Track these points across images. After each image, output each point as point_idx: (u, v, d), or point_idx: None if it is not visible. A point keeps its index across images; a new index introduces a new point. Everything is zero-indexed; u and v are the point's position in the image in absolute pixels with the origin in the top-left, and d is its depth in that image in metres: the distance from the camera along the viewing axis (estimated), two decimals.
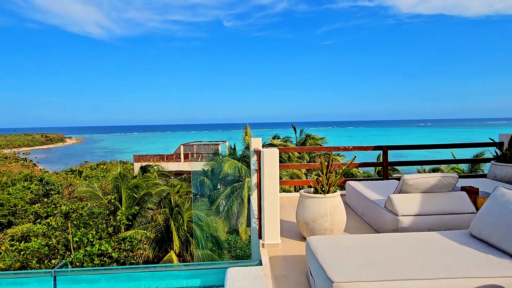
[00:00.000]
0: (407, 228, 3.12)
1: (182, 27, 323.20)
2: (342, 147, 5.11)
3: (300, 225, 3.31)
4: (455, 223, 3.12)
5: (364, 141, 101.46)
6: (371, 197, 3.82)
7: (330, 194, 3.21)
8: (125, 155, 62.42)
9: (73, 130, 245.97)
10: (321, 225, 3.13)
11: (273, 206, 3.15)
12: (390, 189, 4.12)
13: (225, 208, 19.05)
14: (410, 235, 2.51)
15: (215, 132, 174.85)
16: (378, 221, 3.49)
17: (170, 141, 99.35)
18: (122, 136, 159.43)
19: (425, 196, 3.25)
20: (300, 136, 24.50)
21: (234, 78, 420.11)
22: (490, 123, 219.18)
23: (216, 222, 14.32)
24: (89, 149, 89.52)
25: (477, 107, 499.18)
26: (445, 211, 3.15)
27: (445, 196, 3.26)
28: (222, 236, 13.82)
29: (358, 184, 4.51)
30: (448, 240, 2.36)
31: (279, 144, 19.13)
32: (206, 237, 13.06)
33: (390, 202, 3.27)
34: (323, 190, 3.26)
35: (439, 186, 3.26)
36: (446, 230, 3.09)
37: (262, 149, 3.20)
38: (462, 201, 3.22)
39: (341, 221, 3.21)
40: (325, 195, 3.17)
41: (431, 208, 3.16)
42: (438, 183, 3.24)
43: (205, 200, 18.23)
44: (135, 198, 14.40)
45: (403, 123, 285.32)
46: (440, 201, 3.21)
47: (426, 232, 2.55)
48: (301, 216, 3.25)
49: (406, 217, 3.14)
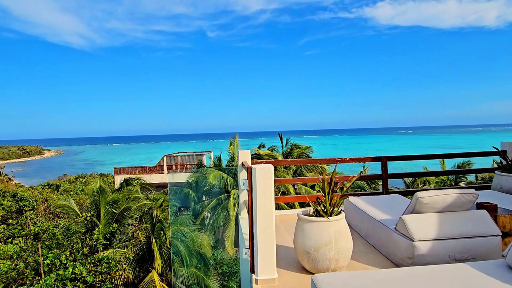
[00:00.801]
0: (425, 256, 2.67)
1: (165, 37, 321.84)
2: (338, 159, 4.68)
3: (299, 254, 2.81)
4: (478, 248, 2.69)
5: (348, 149, 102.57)
6: (377, 217, 3.37)
7: (334, 217, 2.73)
8: (107, 167, 60.53)
9: (52, 142, 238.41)
10: (324, 255, 2.64)
11: (268, 233, 2.64)
12: (395, 206, 3.69)
13: (211, 221, 18.34)
14: (436, 268, 2.05)
15: (200, 142, 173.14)
16: (388, 245, 3.03)
17: (153, 152, 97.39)
18: (103, 148, 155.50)
19: (442, 216, 2.82)
20: (286, 146, 24.17)
21: (218, 87, 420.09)
22: (468, 130, 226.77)
23: (201, 238, 13.62)
24: (68, 162, 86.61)
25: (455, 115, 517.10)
26: (467, 233, 2.72)
27: (464, 216, 2.84)
28: (207, 252, 13.11)
29: (358, 200, 4.06)
30: (484, 276, 1.92)
31: (265, 154, 18.68)
32: (190, 254, 12.34)
33: (403, 224, 2.82)
34: (326, 211, 2.78)
35: (457, 205, 2.84)
36: (470, 258, 2.66)
37: (254, 165, 2.71)
38: (484, 222, 2.80)
39: (347, 248, 2.73)
40: (328, 219, 2.69)
41: (450, 231, 2.72)
42: (456, 201, 2.81)
43: (189, 213, 17.49)
44: (114, 214, 13.54)
45: (386, 130, 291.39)
46: (459, 222, 2.78)
47: (454, 264, 2.10)
48: (301, 244, 2.75)
49: (423, 243, 2.69)
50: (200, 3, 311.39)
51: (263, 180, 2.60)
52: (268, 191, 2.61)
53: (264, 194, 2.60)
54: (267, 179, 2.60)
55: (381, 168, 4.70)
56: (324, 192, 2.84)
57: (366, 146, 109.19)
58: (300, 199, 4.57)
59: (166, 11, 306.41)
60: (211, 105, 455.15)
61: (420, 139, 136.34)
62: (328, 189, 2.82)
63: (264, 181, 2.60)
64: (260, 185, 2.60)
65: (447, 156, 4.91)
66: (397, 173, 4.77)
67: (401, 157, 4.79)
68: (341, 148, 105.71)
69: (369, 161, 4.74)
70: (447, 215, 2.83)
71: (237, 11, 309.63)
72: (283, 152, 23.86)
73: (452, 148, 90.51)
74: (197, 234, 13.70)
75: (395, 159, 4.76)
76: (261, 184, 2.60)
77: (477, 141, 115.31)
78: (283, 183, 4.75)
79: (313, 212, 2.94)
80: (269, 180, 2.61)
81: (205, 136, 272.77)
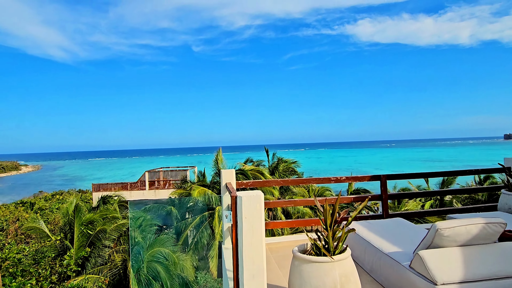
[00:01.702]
0: None
1: (150, 51, 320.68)
2: (334, 178, 4.20)
3: None
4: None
5: (333, 162, 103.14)
6: (385, 249, 2.87)
7: (339, 255, 2.21)
8: (86, 183, 58.31)
9: (29, 157, 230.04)
10: None
11: (258, 282, 2.08)
12: (403, 234, 3.21)
13: (194, 240, 17.47)
14: None
15: (185, 156, 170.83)
16: (401, 286, 2.52)
17: (136, 167, 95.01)
18: (84, 163, 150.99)
19: (466, 251, 2.35)
20: (272, 160, 23.70)
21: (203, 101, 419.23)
22: (448, 143, 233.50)
23: (183, 259, 12.78)
24: (46, 177, 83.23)
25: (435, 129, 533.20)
26: (498, 273, 2.25)
27: (492, 250, 2.38)
28: (190, 276, 12.27)
29: (357, 226, 3.56)
30: None
31: (251, 169, 18.11)
32: (171, 278, 11.48)
33: (421, 261, 2.33)
34: (328, 248, 2.26)
35: (483, 236, 2.38)
36: None
37: (240, 192, 2.17)
38: None
39: None
40: (332, 258, 2.17)
41: (479, 270, 2.25)
42: (481, 233, 2.35)
43: (171, 232, 16.58)
44: (89, 236, 12.57)
45: (369, 144, 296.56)
46: (487, 258, 2.31)
47: None
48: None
49: (448, 286, 2.19)
50: (185, 18, 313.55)
51: (252, 212, 2.06)
52: (257, 227, 2.08)
53: (252, 231, 2.06)
54: (256, 211, 2.07)
55: (380, 188, 4.25)
56: (325, 223, 2.33)
57: (350, 159, 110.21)
58: (292, 224, 4.04)
59: (151, 25, 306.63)
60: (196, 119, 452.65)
61: (403, 152, 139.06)
62: (331, 220, 2.31)
63: (253, 213, 2.06)
64: (247, 219, 2.06)
65: (448, 174, 4.52)
66: (397, 193, 4.32)
67: (401, 175, 4.36)
68: (326, 161, 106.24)
69: (366, 180, 4.28)
70: (472, 250, 2.36)
71: (222, 26, 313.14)
72: (269, 166, 23.38)
73: (433, 161, 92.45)
74: (179, 256, 12.86)
75: (395, 177, 4.32)
76: (248, 218, 2.06)
77: (456, 154, 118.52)
78: (272, 206, 4.21)
79: (311, 248, 2.42)
80: (258, 212, 2.08)
81: (190, 150, 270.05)
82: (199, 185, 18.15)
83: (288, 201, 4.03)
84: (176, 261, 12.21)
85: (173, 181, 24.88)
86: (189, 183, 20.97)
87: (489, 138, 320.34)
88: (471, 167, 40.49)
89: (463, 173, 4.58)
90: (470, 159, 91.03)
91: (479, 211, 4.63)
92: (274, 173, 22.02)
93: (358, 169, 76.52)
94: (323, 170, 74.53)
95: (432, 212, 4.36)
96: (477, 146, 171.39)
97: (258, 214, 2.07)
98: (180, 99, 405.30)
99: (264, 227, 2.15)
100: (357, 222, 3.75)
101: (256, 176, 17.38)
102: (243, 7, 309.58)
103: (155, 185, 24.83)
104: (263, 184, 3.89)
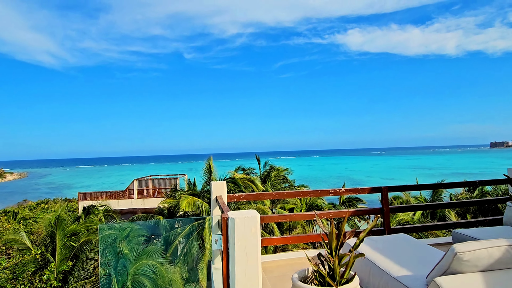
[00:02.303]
0: None
1: (141, 58, 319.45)
2: (332, 191, 3.92)
3: None
4: None
5: (324, 169, 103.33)
6: (393, 272, 2.58)
7: (346, 285, 1.91)
8: (74, 191, 56.95)
9: (15, 164, 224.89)
10: None
11: None
12: (411, 253, 2.93)
13: (184, 250, 16.95)
14: None
15: (176, 163, 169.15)
16: None
17: (126, 175, 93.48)
18: (72, 170, 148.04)
19: (489, 278, 2.08)
20: (264, 168, 23.37)
21: (194, 108, 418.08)
22: (436, 151, 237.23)
23: (172, 272, 12.26)
24: (32, 185, 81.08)
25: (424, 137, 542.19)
26: None
27: None
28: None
29: (362, 245, 3.27)
30: None
31: (242, 177, 17.76)
32: None
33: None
34: (333, 276, 1.96)
35: (506, 260, 2.11)
36: None
37: (232, 212, 1.86)
38: None
39: None
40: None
41: None
42: (504, 256, 2.09)
43: (159, 243, 16.03)
44: (73, 248, 11.99)
45: (360, 151, 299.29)
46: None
47: None
48: None
49: None
50: (177, 26, 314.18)
51: (246, 236, 1.76)
52: (252, 253, 1.76)
53: (246, 258, 1.75)
54: (251, 236, 1.76)
55: (381, 200, 3.98)
56: (329, 247, 2.03)
57: (341, 167, 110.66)
58: (289, 240, 3.73)
59: (143, 32, 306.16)
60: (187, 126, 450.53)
61: (393, 160, 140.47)
62: (336, 243, 2.01)
63: (247, 238, 1.75)
64: (241, 245, 1.75)
65: (451, 185, 4.29)
66: (399, 206, 4.06)
67: (403, 187, 4.11)
68: (317, 169, 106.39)
69: (367, 193, 4.01)
70: (494, 276, 2.09)
71: (214, 34, 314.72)
72: (261, 174, 23.04)
73: (423, 168, 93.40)
74: (167, 268, 12.35)
75: (397, 189, 4.07)
76: (242, 243, 1.75)
77: (444, 161, 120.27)
78: (266, 221, 3.92)
79: (313, 274, 2.11)
80: (254, 236, 1.77)
81: (181, 157, 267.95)
82: (189, 194, 17.69)
83: (284, 215, 3.72)
84: (164, 274, 11.70)
85: (163, 189, 24.31)
86: (179, 191, 20.49)
87: (476, 146, 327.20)
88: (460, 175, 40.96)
89: (467, 184, 4.36)
90: (459, 166, 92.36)
91: (483, 225, 4.39)
92: (266, 182, 21.70)
93: (349, 176, 76.73)
94: (314, 177, 74.50)
95: (435, 226, 4.11)
96: (465, 154, 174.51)
97: (253, 239, 1.77)
98: (171, 106, 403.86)
99: (259, 253, 1.84)
100: (357, 238, 3.47)
101: (248, 185, 17.03)
102: (235, 15, 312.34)
103: (144, 193, 24.22)
104: (256, 197, 3.58)
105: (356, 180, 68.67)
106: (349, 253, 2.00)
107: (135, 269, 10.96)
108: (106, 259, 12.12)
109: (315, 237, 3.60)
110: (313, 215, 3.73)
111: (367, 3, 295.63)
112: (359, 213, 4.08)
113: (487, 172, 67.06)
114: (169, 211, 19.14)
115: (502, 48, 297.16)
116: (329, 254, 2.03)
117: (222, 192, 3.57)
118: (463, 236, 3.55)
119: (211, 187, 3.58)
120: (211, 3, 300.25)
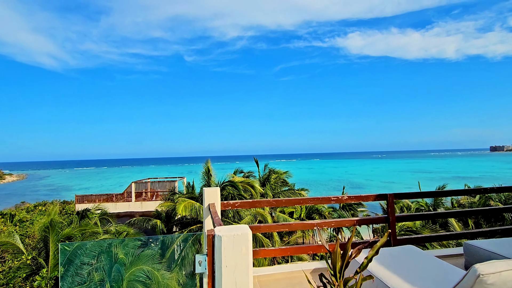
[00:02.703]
0: None
1: (141, 60, 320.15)
2: (334, 198, 3.65)
3: None
4: None
5: (324, 173, 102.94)
6: None
7: None
8: (72, 193, 56.57)
9: (15, 165, 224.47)
10: None
11: None
12: (421, 268, 2.66)
13: (181, 255, 16.64)
14: None
15: (175, 166, 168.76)
16: None
17: (125, 177, 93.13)
18: (72, 172, 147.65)
19: None
20: (263, 171, 23.07)
21: (194, 111, 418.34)
22: (436, 154, 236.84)
23: (168, 278, 11.96)
24: (31, 187, 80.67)
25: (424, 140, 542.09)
26: None
27: None
28: None
29: (364, 257, 3.00)
30: None
31: (241, 181, 17.47)
32: None
33: None
34: None
35: None
36: None
37: (220, 229, 1.59)
38: None
39: None
40: None
41: None
42: None
43: (156, 248, 15.76)
44: (66, 252, 11.70)
45: (360, 155, 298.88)
46: None
47: None
48: None
49: None
50: (178, 29, 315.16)
51: (235, 258, 1.48)
52: (243, 279, 1.49)
53: (235, 284, 1.48)
54: (241, 257, 1.49)
55: (387, 208, 3.71)
56: (333, 268, 1.76)
57: (341, 170, 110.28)
58: (287, 252, 3.46)
59: (143, 34, 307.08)
60: (187, 129, 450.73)
61: (392, 163, 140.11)
62: (341, 264, 1.74)
63: (236, 260, 1.48)
64: (229, 268, 1.48)
65: (462, 192, 4.02)
66: (406, 215, 3.79)
67: (410, 194, 3.84)
68: (317, 172, 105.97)
69: (371, 200, 3.75)
70: None
71: (214, 37, 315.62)
72: (260, 178, 22.74)
73: (423, 172, 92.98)
74: (163, 274, 12.08)
75: (404, 196, 3.80)
76: (231, 267, 1.48)
77: (444, 165, 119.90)
78: (264, 230, 3.65)
79: None
80: (245, 257, 1.50)
81: (181, 160, 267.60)
82: (187, 197, 17.40)
83: (282, 225, 3.46)
84: (160, 279, 11.43)
85: (161, 192, 24.01)
86: (177, 194, 20.20)
87: (476, 150, 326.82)
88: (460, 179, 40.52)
89: (478, 191, 4.09)
90: (459, 170, 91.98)
91: (495, 235, 4.12)
92: (265, 185, 21.41)
93: (349, 180, 76.38)
94: (314, 181, 74.11)
95: (444, 236, 3.83)
96: (465, 157, 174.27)
97: (243, 261, 1.49)
98: (171, 108, 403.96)
99: (251, 276, 1.58)
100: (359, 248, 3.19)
101: (247, 188, 16.73)
102: (235, 18, 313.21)
103: (142, 196, 23.91)
104: (252, 205, 3.31)
105: (356, 183, 68.32)
106: (355, 276, 1.73)
107: (130, 274, 10.67)
108: (101, 263, 11.78)
109: (315, 248, 3.33)
110: (313, 224, 3.47)
111: (368, 7, 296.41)
112: (363, 222, 3.81)
113: (487, 176, 66.75)
114: (166, 214, 18.85)
115: (502, 52, 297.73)
116: (332, 276, 1.76)
117: (215, 199, 3.31)
118: (476, 249, 3.27)
119: (203, 194, 3.32)
120: (211, 6, 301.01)
